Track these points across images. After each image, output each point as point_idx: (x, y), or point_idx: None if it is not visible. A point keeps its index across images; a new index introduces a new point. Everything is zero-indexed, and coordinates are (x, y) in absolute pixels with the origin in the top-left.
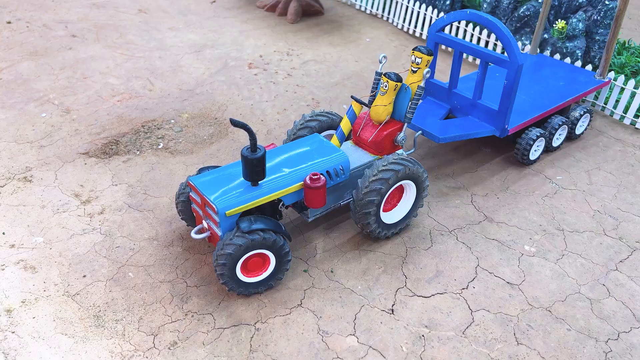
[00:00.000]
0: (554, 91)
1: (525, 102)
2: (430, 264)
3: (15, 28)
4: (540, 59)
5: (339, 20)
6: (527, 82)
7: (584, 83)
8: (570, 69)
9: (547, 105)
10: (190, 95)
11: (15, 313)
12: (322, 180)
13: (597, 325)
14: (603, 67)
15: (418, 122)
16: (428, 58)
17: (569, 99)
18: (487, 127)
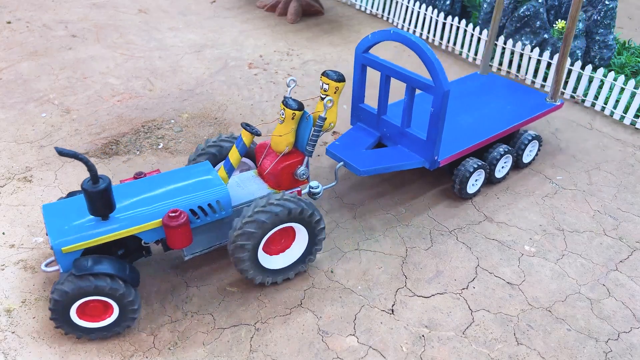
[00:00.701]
0: (498, 116)
1: (464, 128)
2: (430, 264)
3: (15, 28)
4: (491, 80)
5: (339, 20)
6: (470, 106)
7: (534, 107)
8: (522, 91)
9: (488, 133)
10: (190, 95)
11: (15, 313)
12: (181, 218)
13: (597, 325)
14: (554, 90)
15: (340, 152)
16: (336, 85)
17: (512, 125)
18: (415, 158)
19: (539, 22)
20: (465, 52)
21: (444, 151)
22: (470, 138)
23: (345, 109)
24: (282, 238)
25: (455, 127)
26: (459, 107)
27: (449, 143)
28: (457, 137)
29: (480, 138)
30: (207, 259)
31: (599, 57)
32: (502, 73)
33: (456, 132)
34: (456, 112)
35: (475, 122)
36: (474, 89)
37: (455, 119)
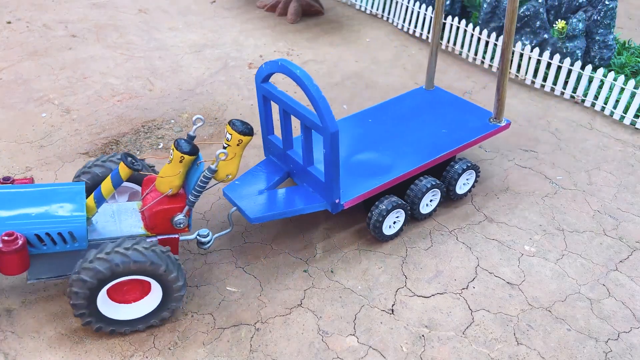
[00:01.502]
0: (428, 144)
1: (384, 161)
2: (430, 264)
3: (15, 28)
4: (435, 96)
5: (339, 20)
6: (399, 130)
7: (474, 129)
8: (466, 109)
9: (409, 166)
10: (190, 95)
11: (15, 313)
12: (15, 244)
13: (597, 325)
14: (498, 109)
15: (235, 194)
16: (240, 137)
17: (441, 154)
18: (317, 200)
19: (539, 22)
20: (465, 52)
21: (351, 191)
22: (387, 173)
23: (345, 109)
24: (137, 287)
25: (373, 160)
26: (386, 132)
27: (361, 180)
28: (372, 172)
29: (400, 172)
30: (207, 258)
31: (599, 57)
32: None
33: (373, 166)
34: (380, 140)
35: (399, 152)
36: (411, 109)
37: (377, 148)
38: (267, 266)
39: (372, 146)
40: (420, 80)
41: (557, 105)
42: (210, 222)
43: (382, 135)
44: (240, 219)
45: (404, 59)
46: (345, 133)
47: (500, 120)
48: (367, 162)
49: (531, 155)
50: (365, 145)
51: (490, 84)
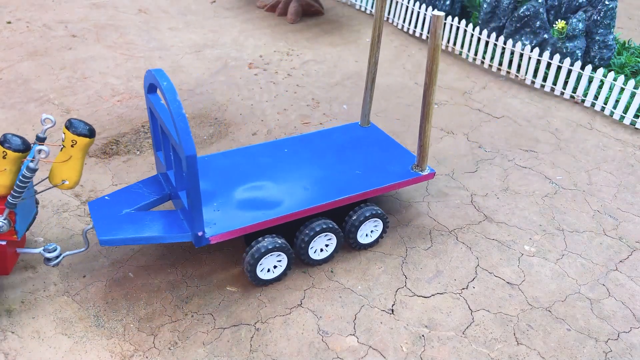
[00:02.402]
0: (335, 183)
1: (278, 195)
2: (430, 264)
3: (15, 28)
4: (367, 134)
5: (339, 20)
6: (312, 165)
7: (393, 174)
8: (393, 151)
9: (302, 205)
10: (190, 95)
11: (15, 313)
12: None
13: (597, 325)
14: (420, 157)
15: (95, 210)
16: (73, 137)
17: (343, 197)
18: (181, 230)
19: (538, 22)
20: (465, 52)
21: (225, 224)
22: (271, 210)
23: (345, 109)
24: None
25: (265, 194)
26: (294, 165)
27: (241, 214)
28: (257, 207)
29: (286, 211)
30: (207, 258)
31: (599, 57)
32: (502, 73)
33: (261, 201)
34: (284, 173)
35: (297, 189)
36: (335, 144)
37: (277, 181)
38: None
39: (273, 178)
40: (420, 80)
41: (557, 105)
42: None
43: (289, 168)
44: None
45: (404, 59)
46: (250, 160)
47: (423, 169)
48: (258, 196)
49: (531, 155)
50: (265, 176)
51: (490, 83)
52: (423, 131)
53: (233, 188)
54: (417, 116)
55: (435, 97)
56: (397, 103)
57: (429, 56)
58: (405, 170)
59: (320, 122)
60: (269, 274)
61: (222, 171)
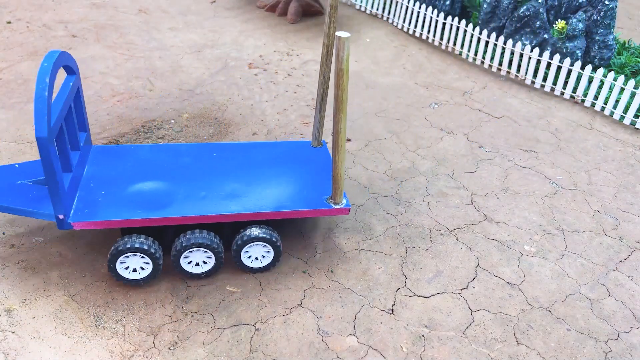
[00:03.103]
0: (235, 198)
1: (168, 199)
2: (430, 264)
3: (15, 28)
4: (311, 155)
5: (339, 20)
6: (229, 175)
7: (303, 200)
8: (324, 177)
9: (184, 212)
10: (190, 95)
11: (15, 313)
12: None
13: (597, 325)
14: (334, 190)
15: None
16: None
17: (229, 213)
18: (47, 208)
19: (538, 22)
20: (465, 52)
21: (98, 213)
22: (150, 211)
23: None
24: None
25: (160, 194)
26: (209, 172)
27: (120, 207)
28: (140, 205)
29: (164, 215)
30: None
31: (599, 57)
32: (502, 73)
33: (150, 199)
34: (192, 178)
35: (193, 196)
36: (269, 158)
37: (180, 184)
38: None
39: (179, 180)
40: (419, 80)
41: (557, 105)
42: None
43: (202, 174)
44: None
45: (403, 59)
46: (172, 158)
47: (337, 202)
48: (151, 193)
49: (531, 155)
50: (174, 176)
51: (490, 83)
52: (334, 162)
53: (133, 181)
54: (417, 116)
55: (343, 129)
56: (397, 103)
57: (335, 81)
58: (320, 200)
59: None
60: (135, 274)
61: (137, 163)
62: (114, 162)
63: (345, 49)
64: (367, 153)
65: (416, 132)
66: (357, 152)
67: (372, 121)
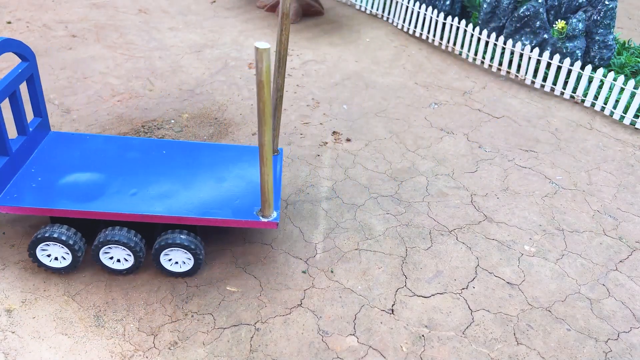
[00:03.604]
0: (164, 199)
1: (102, 192)
2: (430, 264)
3: (15, 28)
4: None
5: (339, 20)
6: (171, 174)
7: (232, 210)
8: (254, 187)
9: (110, 208)
10: (190, 95)
11: (16, 313)
12: None
13: (597, 325)
14: (262, 203)
15: None
16: None
17: (150, 214)
18: None
19: (538, 22)
20: (465, 52)
21: (27, 198)
22: (78, 203)
23: (345, 109)
24: None
25: (92, 186)
26: (152, 169)
27: (49, 196)
28: (70, 195)
29: (89, 208)
30: (207, 258)
31: (599, 57)
32: (502, 73)
33: (82, 191)
34: (135, 172)
35: (125, 193)
36: (216, 163)
37: (120, 177)
38: (267, 266)
39: (118, 174)
40: (419, 80)
41: (557, 105)
42: None
43: (145, 170)
44: None
45: (403, 59)
46: (121, 152)
47: (265, 216)
48: (86, 185)
49: (531, 155)
50: (115, 170)
51: (490, 83)
52: (261, 175)
53: (73, 170)
54: (417, 116)
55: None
56: (397, 103)
57: (257, 92)
58: (250, 210)
59: (320, 122)
60: (55, 262)
61: (86, 152)
62: (64, 150)
63: (264, 61)
64: (367, 153)
65: (416, 132)
66: (357, 152)
67: (372, 121)
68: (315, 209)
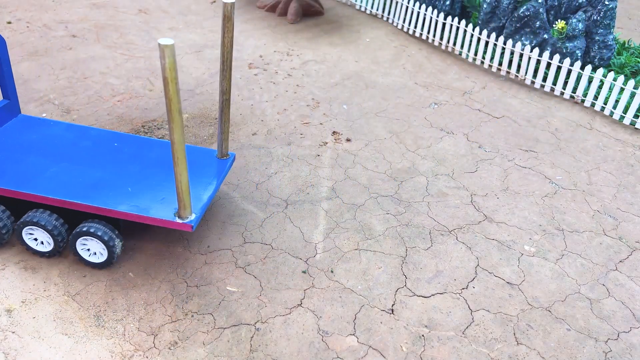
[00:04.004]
0: (94, 188)
1: (36, 175)
2: (430, 264)
3: (16, 28)
4: (210, 165)
5: (339, 20)
6: (116, 170)
7: (152, 208)
8: (198, 191)
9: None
10: (190, 95)
11: (16, 313)
12: None
13: (596, 325)
14: (179, 204)
15: None
16: None
17: (65, 199)
18: None
19: (538, 23)
20: (465, 52)
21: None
22: (13, 181)
23: (345, 109)
24: None
25: (32, 168)
26: (98, 160)
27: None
28: (5, 175)
29: (11, 187)
30: (207, 258)
31: (599, 57)
32: (502, 73)
33: (18, 172)
34: (74, 159)
35: (57, 177)
36: (163, 161)
37: (60, 162)
38: (267, 266)
39: (59, 160)
40: (419, 80)
41: (557, 105)
42: (209, 222)
43: (91, 160)
44: (237, 221)
45: (403, 59)
46: (76, 140)
47: (182, 217)
48: (24, 167)
49: (531, 155)
50: (58, 154)
51: (490, 83)
52: (175, 175)
53: (22, 152)
54: (417, 116)
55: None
56: (397, 103)
57: (164, 89)
58: (170, 210)
59: (320, 122)
60: None
61: (43, 137)
62: (25, 132)
63: (167, 57)
64: (367, 153)
65: (416, 132)
66: (357, 152)
67: (372, 121)
68: (315, 209)
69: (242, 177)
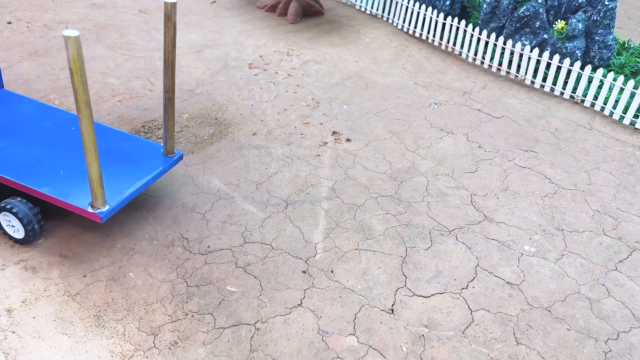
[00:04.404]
0: (31, 167)
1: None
2: (430, 264)
3: (16, 28)
4: (154, 161)
5: (339, 20)
6: (63, 151)
7: (69, 190)
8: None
9: None
10: (190, 95)
11: (16, 313)
12: None
13: (596, 325)
14: (92, 194)
15: None
16: None
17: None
18: None
19: (538, 23)
20: (465, 52)
21: None
22: None
23: (345, 109)
24: None
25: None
26: (49, 141)
27: None
28: None
29: None
30: (207, 258)
31: (599, 58)
32: (502, 73)
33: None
34: (28, 138)
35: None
36: (112, 149)
37: (14, 140)
38: (267, 266)
39: (13, 137)
40: (419, 80)
41: (556, 105)
42: (210, 223)
43: (39, 138)
44: (238, 221)
45: (403, 59)
46: (41, 120)
47: (95, 207)
48: None
49: (531, 155)
50: (14, 132)
51: (490, 83)
52: (87, 166)
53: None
54: (417, 116)
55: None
56: (397, 103)
57: (71, 79)
58: (88, 199)
59: (320, 122)
60: None
61: (10, 113)
62: None
63: (70, 48)
64: (367, 153)
65: (416, 132)
66: (357, 152)
67: (372, 121)
68: (315, 209)
69: (242, 177)
